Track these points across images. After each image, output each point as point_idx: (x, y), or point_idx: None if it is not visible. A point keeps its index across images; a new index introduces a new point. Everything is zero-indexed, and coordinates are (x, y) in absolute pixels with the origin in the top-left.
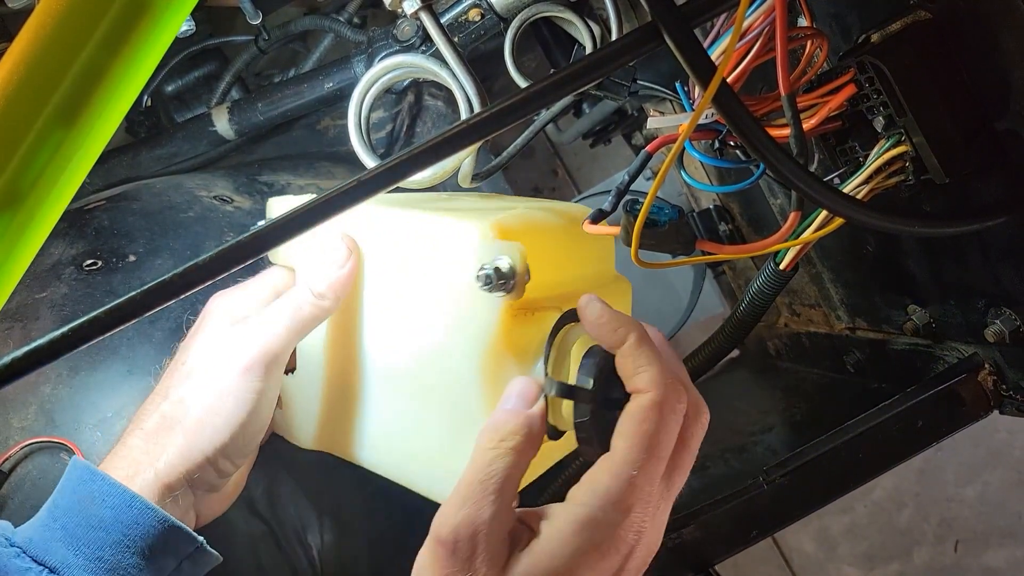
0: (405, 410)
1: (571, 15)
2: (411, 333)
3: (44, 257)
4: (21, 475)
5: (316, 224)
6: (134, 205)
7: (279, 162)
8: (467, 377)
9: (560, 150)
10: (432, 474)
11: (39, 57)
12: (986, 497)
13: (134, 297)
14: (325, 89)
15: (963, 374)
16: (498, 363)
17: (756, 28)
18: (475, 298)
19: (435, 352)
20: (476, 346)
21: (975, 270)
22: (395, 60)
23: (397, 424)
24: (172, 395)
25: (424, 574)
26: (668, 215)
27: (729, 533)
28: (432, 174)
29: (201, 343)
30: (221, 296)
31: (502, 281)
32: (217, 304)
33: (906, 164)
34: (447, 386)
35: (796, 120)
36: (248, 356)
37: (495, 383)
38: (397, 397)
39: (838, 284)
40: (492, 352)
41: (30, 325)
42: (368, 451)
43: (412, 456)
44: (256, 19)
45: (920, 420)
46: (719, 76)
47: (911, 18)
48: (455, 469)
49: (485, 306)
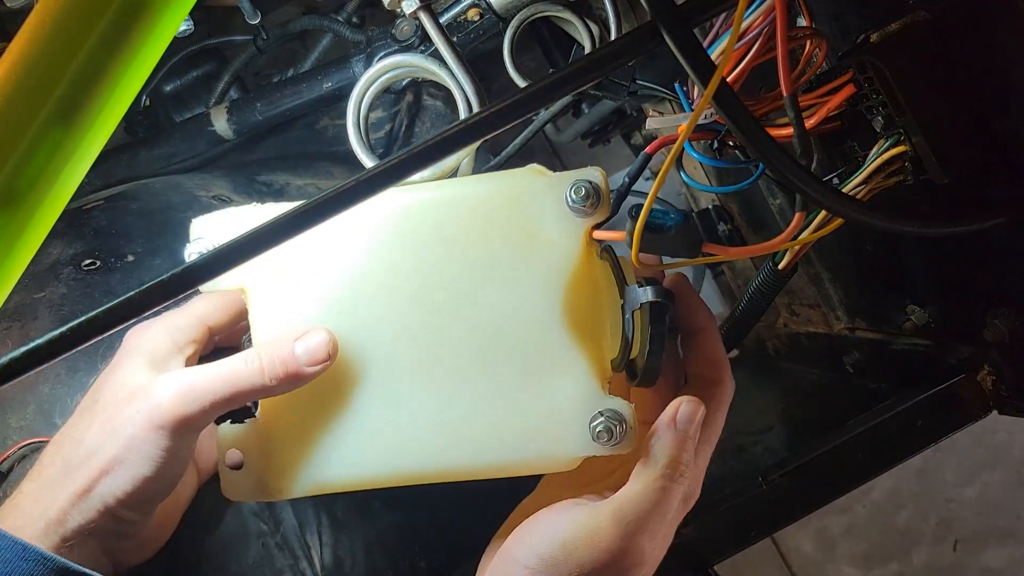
0: (478, 390)
1: (570, 15)
2: (477, 305)
3: (42, 257)
4: (19, 475)
5: (316, 224)
6: (132, 205)
7: (278, 162)
8: (551, 319)
9: (559, 150)
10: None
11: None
12: (985, 497)
13: (132, 297)
14: (324, 89)
15: (962, 374)
16: (580, 298)
17: (755, 28)
18: (555, 232)
19: (511, 312)
20: (558, 284)
21: (975, 270)
22: (394, 60)
23: (470, 408)
24: (76, 436)
25: None
26: (674, 219)
27: (728, 533)
28: (431, 174)
29: (115, 384)
30: (141, 331)
31: (593, 201)
32: (136, 341)
33: (905, 164)
34: (529, 341)
35: (799, 120)
36: (162, 415)
37: (581, 317)
38: (464, 380)
39: (837, 284)
40: (577, 284)
41: (28, 325)
42: (430, 457)
43: (498, 435)
44: (255, 19)
45: (919, 420)
46: (719, 75)
47: (910, 18)
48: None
49: (566, 241)
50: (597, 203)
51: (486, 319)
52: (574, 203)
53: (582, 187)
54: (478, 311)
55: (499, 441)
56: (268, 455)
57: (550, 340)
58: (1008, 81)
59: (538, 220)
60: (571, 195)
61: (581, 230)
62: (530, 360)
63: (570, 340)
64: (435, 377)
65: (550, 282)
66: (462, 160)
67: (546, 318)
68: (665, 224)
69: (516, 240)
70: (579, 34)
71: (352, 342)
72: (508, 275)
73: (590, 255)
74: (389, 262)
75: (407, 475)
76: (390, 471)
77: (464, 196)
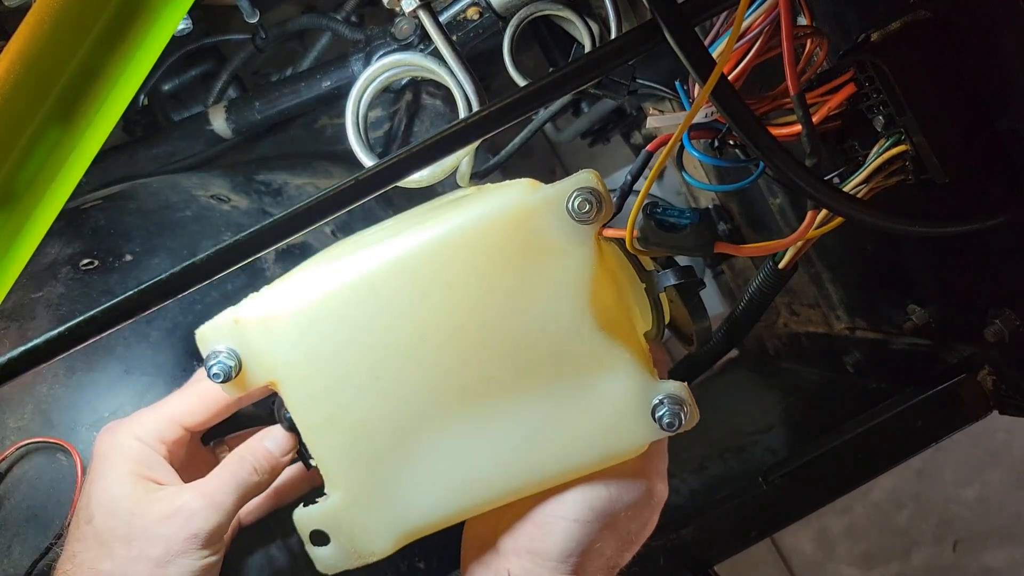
0: (532, 413)
1: (570, 13)
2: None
3: (40, 256)
4: (18, 476)
5: (315, 223)
6: (131, 204)
7: (276, 161)
8: (582, 326)
9: (558, 149)
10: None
11: (36, 55)
12: (985, 497)
13: (131, 296)
14: (323, 88)
15: (962, 374)
16: (604, 295)
17: (756, 28)
18: (566, 245)
19: (542, 330)
20: (581, 291)
21: (975, 270)
22: (393, 59)
23: (528, 431)
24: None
25: None
26: (689, 218)
27: (728, 534)
28: (430, 173)
29: (112, 503)
30: (113, 434)
31: (595, 207)
32: (111, 448)
33: (906, 164)
34: (569, 352)
35: (807, 118)
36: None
37: (611, 313)
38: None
39: (837, 284)
40: (598, 285)
41: (26, 325)
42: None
43: (563, 447)
44: (253, 18)
45: (919, 420)
46: (719, 69)
47: (911, 17)
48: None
49: (578, 250)
50: (599, 207)
51: (519, 345)
52: (577, 214)
53: (582, 197)
54: (510, 339)
55: (566, 452)
56: (351, 525)
57: (590, 346)
58: (1009, 80)
59: (545, 237)
60: (572, 207)
61: (590, 236)
62: (575, 370)
63: (608, 339)
64: (485, 412)
65: (574, 292)
66: (462, 159)
67: (579, 326)
68: (680, 223)
69: (527, 261)
70: (579, 33)
71: (395, 402)
72: (529, 297)
73: (603, 253)
74: (409, 316)
75: (485, 502)
76: (469, 503)
77: (464, 231)
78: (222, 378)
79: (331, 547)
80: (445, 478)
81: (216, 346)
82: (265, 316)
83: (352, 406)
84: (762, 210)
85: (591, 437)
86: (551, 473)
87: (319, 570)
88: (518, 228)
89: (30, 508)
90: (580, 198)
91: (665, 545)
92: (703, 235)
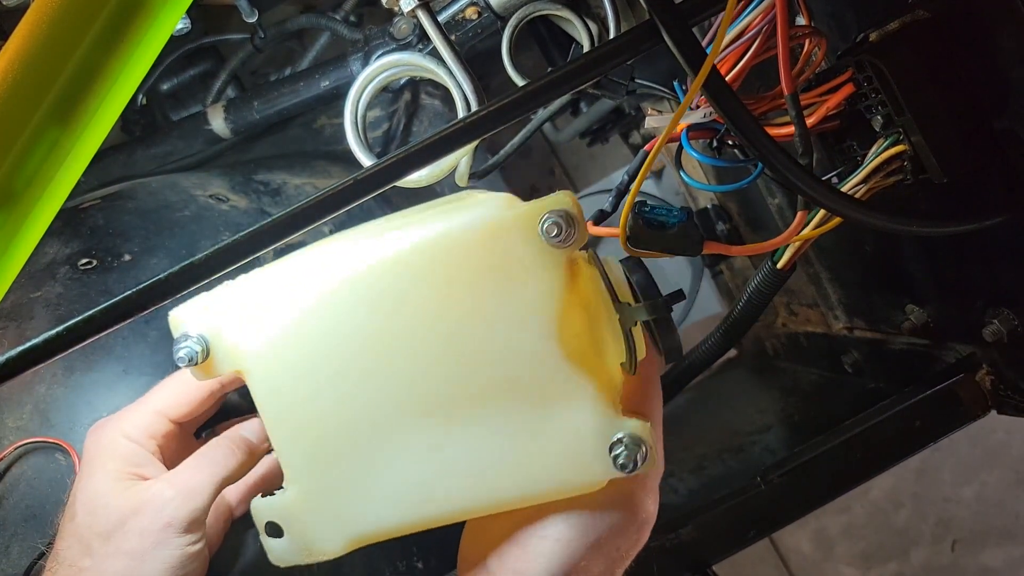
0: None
1: (569, 13)
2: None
3: (39, 256)
4: (16, 475)
5: (314, 223)
6: (129, 204)
7: (275, 161)
8: (547, 352)
9: (557, 149)
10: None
11: (34, 55)
12: (984, 497)
13: (129, 296)
14: (321, 88)
15: (961, 374)
16: (574, 323)
17: (754, 27)
18: (535, 267)
19: (507, 352)
20: (548, 317)
21: (973, 270)
22: (392, 58)
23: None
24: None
25: None
26: (677, 217)
27: (726, 533)
28: (429, 173)
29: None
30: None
31: (568, 231)
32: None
33: (904, 163)
34: (532, 377)
35: (800, 119)
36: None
37: (579, 342)
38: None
39: (836, 284)
40: (567, 311)
41: (25, 324)
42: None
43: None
44: (252, 17)
45: (918, 420)
46: (710, 60)
47: (909, 17)
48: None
49: (548, 274)
50: (573, 231)
51: (482, 364)
52: (547, 237)
53: (552, 220)
54: (473, 358)
55: (524, 477)
56: (304, 521)
57: (553, 374)
58: (1007, 80)
59: (515, 258)
60: (544, 231)
61: (561, 260)
62: (536, 396)
63: (573, 369)
64: (445, 427)
65: (540, 317)
66: (460, 159)
67: (544, 353)
68: (668, 222)
69: (496, 281)
70: (577, 33)
71: (357, 406)
72: (495, 317)
73: (576, 279)
74: (376, 324)
75: (438, 517)
76: (423, 516)
77: (434, 244)
78: (186, 362)
79: (284, 540)
80: (402, 488)
81: (186, 329)
82: (235, 306)
83: (313, 407)
84: (761, 210)
85: (549, 467)
86: (509, 497)
87: (271, 561)
88: (488, 246)
89: (28, 508)
90: (551, 221)
91: (664, 545)
92: (692, 235)
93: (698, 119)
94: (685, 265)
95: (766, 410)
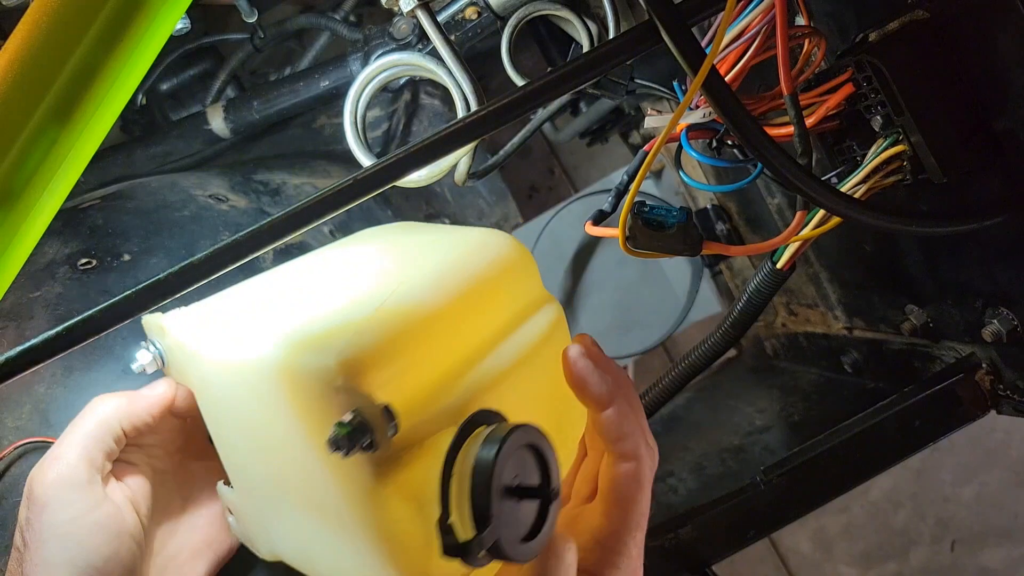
0: (302, 529)
1: (568, 13)
2: (275, 461)
3: (38, 256)
4: (15, 475)
5: (313, 223)
6: (129, 204)
7: (275, 161)
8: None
9: (557, 149)
10: None
11: (34, 55)
12: (983, 497)
13: (129, 296)
14: (321, 87)
15: (960, 374)
16: (393, 508)
17: (754, 27)
18: (335, 466)
19: (299, 475)
20: (358, 523)
21: (972, 270)
22: (391, 58)
23: (306, 538)
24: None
25: None
26: (676, 217)
27: (726, 533)
28: (428, 173)
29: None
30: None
31: (361, 441)
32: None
33: (904, 163)
34: (327, 506)
35: (800, 119)
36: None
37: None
38: (292, 515)
39: (835, 284)
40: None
41: (24, 324)
42: (290, 552)
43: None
44: (252, 17)
45: (917, 420)
46: (709, 60)
47: (909, 17)
48: None
49: (350, 472)
50: (368, 446)
51: (288, 477)
52: (333, 451)
53: (337, 432)
54: (281, 469)
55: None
56: (242, 518)
57: (352, 528)
58: (1006, 81)
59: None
60: (327, 440)
61: (366, 468)
62: (336, 524)
63: (382, 556)
64: (285, 504)
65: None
66: (460, 159)
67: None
68: (667, 222)
69: (281, 416)
70: (577, 33)
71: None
72: (290, 447)
73: (390, 483)
74: (224, 417)
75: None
76: (303, 566)
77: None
78: (138, 371)
79: (234, 523)
80: (288, 539)
81: (151, 336)
82: (180, 337)
83: (234, 447)
84: (760, 210)
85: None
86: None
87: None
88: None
89: None
90: (337, 432)
91: (663, 545)
92: (691, 234)
93: (697, 119)
94: (685, 265)
95: (766, 410)
